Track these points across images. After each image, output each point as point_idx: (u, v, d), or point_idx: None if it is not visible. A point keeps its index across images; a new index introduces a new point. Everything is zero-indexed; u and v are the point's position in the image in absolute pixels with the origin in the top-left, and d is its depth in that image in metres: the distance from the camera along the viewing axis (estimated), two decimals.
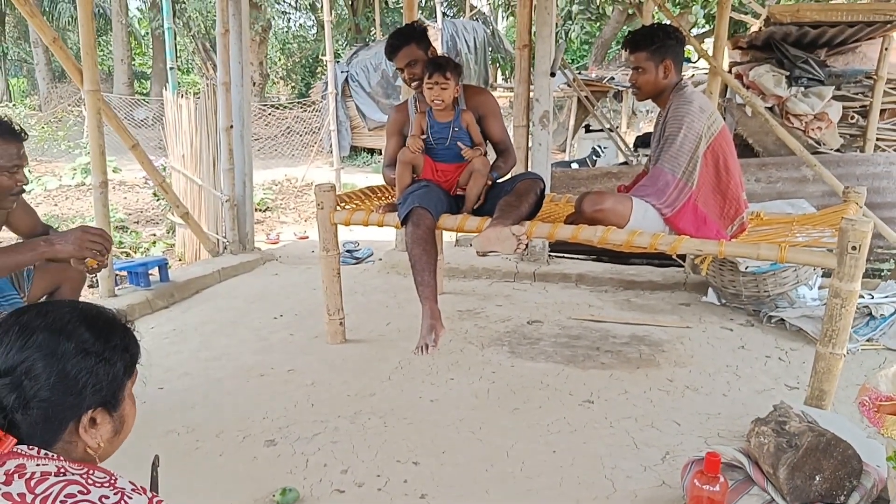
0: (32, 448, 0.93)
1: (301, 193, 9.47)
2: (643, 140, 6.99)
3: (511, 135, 3.40)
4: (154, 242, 6.48)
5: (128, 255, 5.94)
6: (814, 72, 5.10)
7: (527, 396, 2.63)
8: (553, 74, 4.11)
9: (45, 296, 2.44)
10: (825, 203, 4.23)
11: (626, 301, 3.85)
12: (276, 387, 2.76)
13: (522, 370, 2.89)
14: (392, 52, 2.99)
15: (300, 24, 24.29)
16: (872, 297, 3.25)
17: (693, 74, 7.74)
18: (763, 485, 1.75)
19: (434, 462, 2.17)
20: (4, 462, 0.90)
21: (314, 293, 3.93)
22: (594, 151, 8.46)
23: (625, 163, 6.70)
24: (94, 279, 3.94)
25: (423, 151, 2.94)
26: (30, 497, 0.86)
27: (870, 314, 3.19)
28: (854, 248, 2.17)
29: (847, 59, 5.41)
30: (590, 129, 9.60)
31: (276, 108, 15.64)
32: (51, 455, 0.94)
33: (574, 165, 7.72)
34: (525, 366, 2.94)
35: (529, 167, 4.30)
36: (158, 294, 3.92)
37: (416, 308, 2.74)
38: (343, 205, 3.13)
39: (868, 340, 3.10)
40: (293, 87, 21.67)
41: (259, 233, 6.34)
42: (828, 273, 2.64)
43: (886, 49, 4.97)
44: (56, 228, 2.54)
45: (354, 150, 13.23)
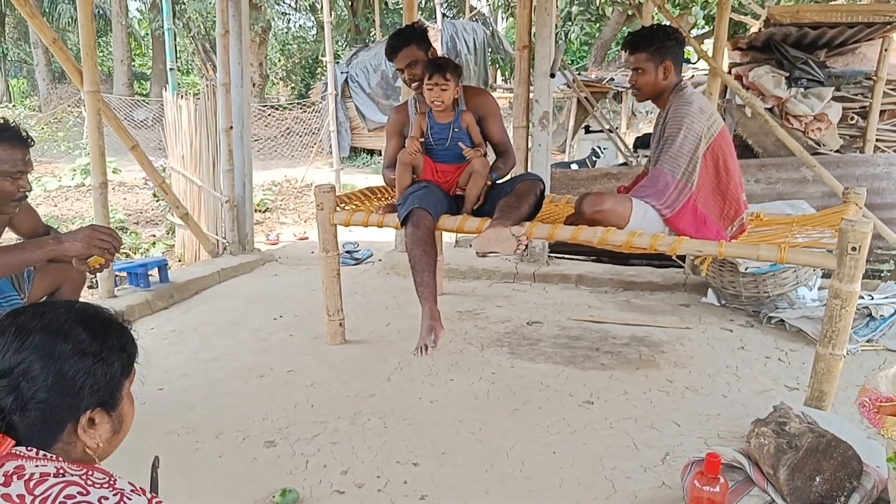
0: (31, 449, 0.93)
1: (301, 194, 9.47)
2: (643, 141, 7.00)
3: (511, 136, 3.40)
4: (154, 243, 6.49)
5: (127, 256, 5.93)
6: (813, 73, 5.11)
7: (526, 397, 2.63)
8: (553, 75, 4.11)
9: (46, 296, 2.44)
10: (825, 204, 4.23)
11: (626, 302, 3.85)
12: (276, 388, 2.76)
13: (522, 371, 2.89)
14: (392, 53, 2.99)
15: (300, 25, 24.32)
16: (872, 298, 3.25)
17: (693, 75, 7.74)
18: (763, 486, 1.75)
19: (434, 463, 2.16)
20: (3, 464, 0.89)
21: (314, 294, 3.93)
22: (594, 152, 8.48)
23: (624, 164, 6.72)
24: (94, 280, 3.94)
25: (423, 152, 2.94)
26: (29, 498, 0.86)
27: (870, 315, 3.19)
28: (854, 249, 2.17)
29: (847, 60, 5.42)
30: (589, 130, 9.61)
31: (276, 109, 15.66)
32: (49, 456, 0.94)
33: (574, 166, 7.73)
34: (525, 367, 2.93)
35: (529, 168, 4.30)
36: (158, 295, 3.92)
37: (416, 309, 2.74)
38: (343, 206, 3.13)
39: (868, 341, 3.10)
40: (293, 88, 21.70)
41: (259, 234, 6.34)
42: (827, 274, 2.63)
43: (886, 50, 4.97)
44: (56, 229, 2.54)
45: (354, 151, 13.24)
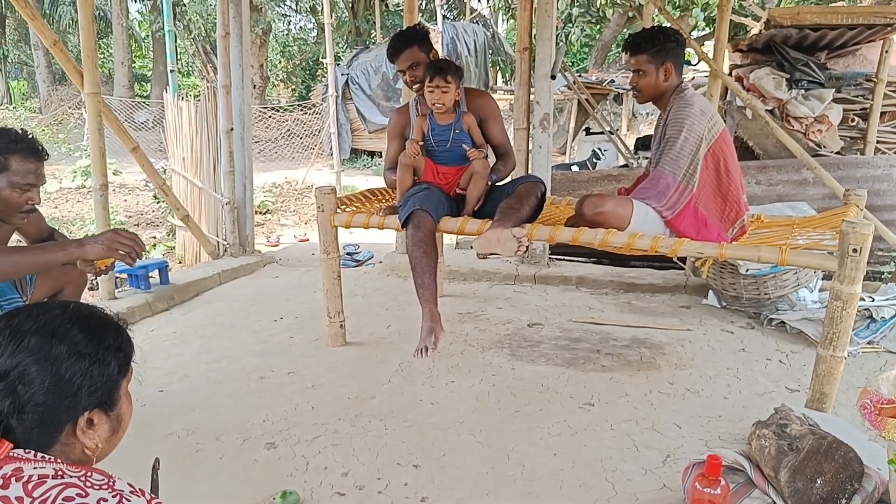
0: (29, 451, 0.92)
1: (301, 196, 9.47)
2: (643, 142, 7.00)
3: (511, 137, 3.40)
4: (154, 245, 6.48)
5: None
6: (814, 74, 5.11)
7: (527, 399, 2.63)
8: (553, 77, 4.11)
9: (47, 298, 2.43)
10: (826, 206, 4.23)
11: (627, 304, 3.85)
12: (277, 389, 2.76)
13: (523, 373, 2.88)
14: (394, 55, 2.99)
15: (300, 27, 24.37)
16: (873, 300, 3.25)
17: (693, 77, 7.74)
18: (764, 488, 1.75)
19: (434, 465, 2.16)
20: (1, 466, 0.89)
21: (314, 296, 3.93)
22: (594, 154, 8.48)
23: (625, 165, 6.72)
24: (95, 282, 3.94)
25: (424, 154, 2.94)
26: (27, 500, 0.85)
27: (870, 317, 3.19)
28: (855, 251, 2.17)
29: (847, 62, 5.42)
30: (590, 132, 9.61)
31: (277, 111, 15.67)
32: (48, 458, 0.93)
33: (574, 168, 7.73)
34: (525, 368, 2.93)
35: (530, 170, 4.30)
36: (158, 297, 3.92)
37: (417, 311, 2.74)
38: (343, 207, 3.13)
39: (869, 343, 3.10)
40: (293, 90, 21.74)
41: (259, 235, 6.34)
42: (828, 276, 2.63)
43: (887, 52, 4.97)
44: (58, 231, 2.54)
45: (355, 153, 13.26)
